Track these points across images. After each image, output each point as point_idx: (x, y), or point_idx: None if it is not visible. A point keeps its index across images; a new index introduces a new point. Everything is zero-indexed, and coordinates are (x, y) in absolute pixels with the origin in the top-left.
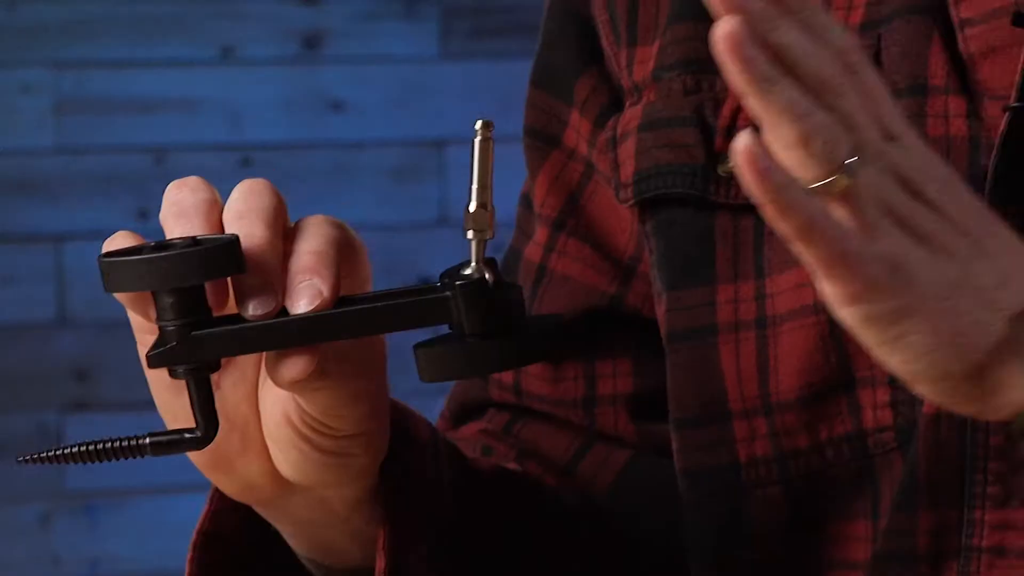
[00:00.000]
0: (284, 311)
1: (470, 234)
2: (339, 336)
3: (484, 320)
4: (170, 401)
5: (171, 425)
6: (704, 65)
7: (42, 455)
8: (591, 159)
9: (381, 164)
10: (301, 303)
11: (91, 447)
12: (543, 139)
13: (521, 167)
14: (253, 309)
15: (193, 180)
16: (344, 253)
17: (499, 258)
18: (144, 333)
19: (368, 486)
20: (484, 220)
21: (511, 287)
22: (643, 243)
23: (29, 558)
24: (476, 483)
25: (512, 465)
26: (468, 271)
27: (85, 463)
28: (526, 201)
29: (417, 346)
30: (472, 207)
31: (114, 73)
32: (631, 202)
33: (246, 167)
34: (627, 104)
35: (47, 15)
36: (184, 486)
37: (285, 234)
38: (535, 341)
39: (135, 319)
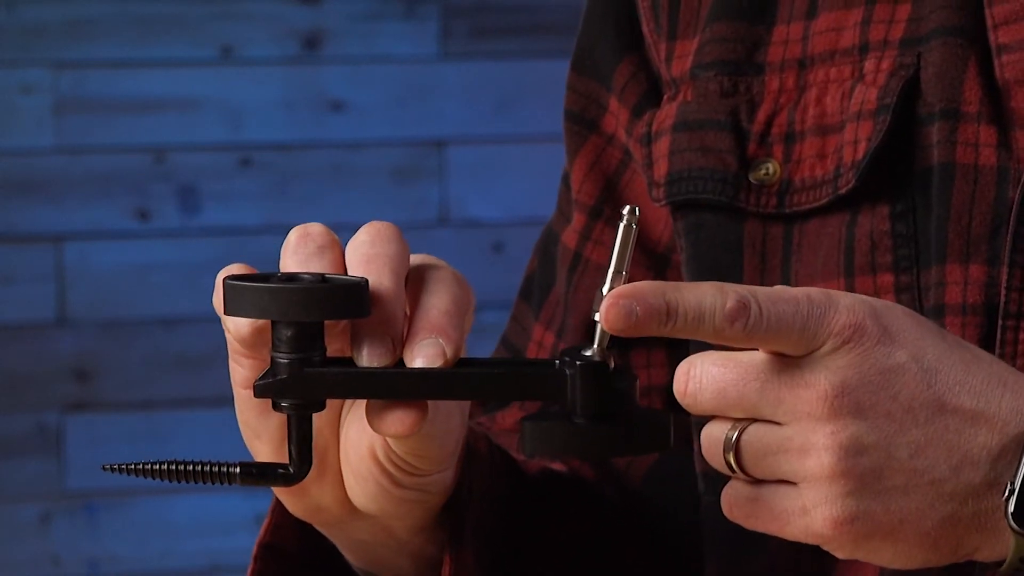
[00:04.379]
0: (400, 361)
1: (598, 316)
2: (450, 396)
3: (597, 403)
4: (254, 421)
5: (249, 443)
6: (742, 67)
7: (127, 466)
8: (628, 146)
9: (381, 164)
10: (420, 359)
11: (179, 467)
12: (581, 123)
13: (520, 168)
14: (369, 358)
15: (316, 230)
16: (466, 314)
17: (499, 258)
18: (239, 355)
19: (433, 515)
20: None
21: (627, 375)
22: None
23: (29, 558)
24: (526, 492)
25: (557, 465)
26: (589, 353)
27: (170, 481)
28: (566, 181)
29: (525, 419)
30: (605, 290)
31: (114, 73)
32: (663, 202)
33: (246, 167)
34: (664, 97)
35: (47, 15)
36: (184, 486)
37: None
38: (643, 433)
39: (234, 343)
